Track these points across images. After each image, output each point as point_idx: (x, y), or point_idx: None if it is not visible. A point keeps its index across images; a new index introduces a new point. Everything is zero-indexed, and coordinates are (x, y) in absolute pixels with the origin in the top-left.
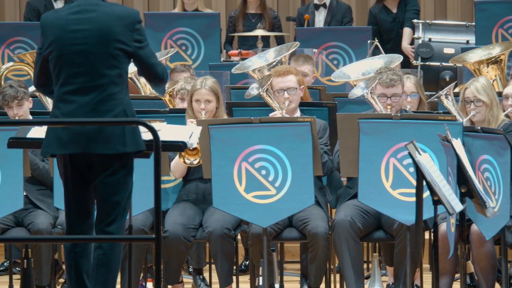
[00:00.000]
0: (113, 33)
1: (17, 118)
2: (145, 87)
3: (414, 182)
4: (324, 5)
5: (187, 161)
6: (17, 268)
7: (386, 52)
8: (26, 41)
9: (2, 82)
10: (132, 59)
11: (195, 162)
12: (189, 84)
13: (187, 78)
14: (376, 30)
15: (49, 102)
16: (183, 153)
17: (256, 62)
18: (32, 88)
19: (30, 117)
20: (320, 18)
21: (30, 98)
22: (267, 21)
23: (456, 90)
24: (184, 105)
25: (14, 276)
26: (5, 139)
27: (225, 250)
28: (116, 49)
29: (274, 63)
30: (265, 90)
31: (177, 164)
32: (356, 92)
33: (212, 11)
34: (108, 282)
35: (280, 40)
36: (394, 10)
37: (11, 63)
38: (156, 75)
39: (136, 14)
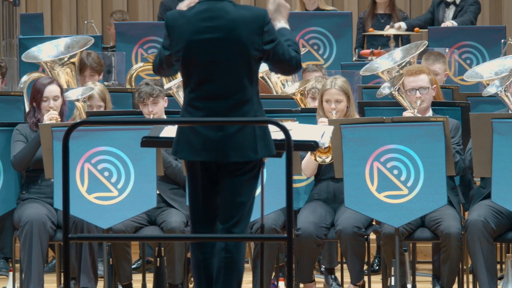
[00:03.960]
0: (243, 42)
1: (151, 116)
2: (276, 86)
3: None
4: (454, 3)
5: (318, 158)
6: (150, 269)
7: None
8: (159, 41)
9: (133, 83)
10: (265, 60)
11: (327, 160)
12: (320, 83)
13: (318, 77)
14: None
15: (182, 98)
16: (315, 151)
17: (383, 63)
18: (166, 86)
19: (165, 116)
20: (450, 16)
21: (166, 97)
22: (396, 21)
23: None
24: (315, 104)
25: (147, 275)
26: (138, 138)
27: (355, 248)
28: (247, 57)
29: (403, 64)
30: (396, 89)
31: (308, 162)
32: (490, 90)
33: (334, 8)
34: (235, 284)
35: (406, 40)
36: None
37: (141, 64)
38: (291, 69)
39: (264, 15)
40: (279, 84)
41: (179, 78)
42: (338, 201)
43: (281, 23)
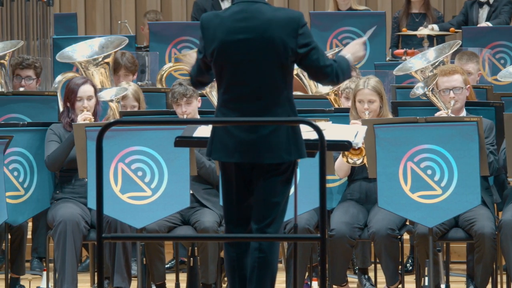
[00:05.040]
0: (277, 43)
1: (185, 116)
2: (310, 83)
3: None
4: (487, 3)
5: (350, 160)
6: (183, 269)
7: None
8: (193, 41)
9: (164, 83)
10: (297, 64)
11: (358, 162)
12: (354, 83)
13: (352, 77)
14: None
15: (216, 98)
16: (346, 153)
17: (417, 62)
18: None
19: (198, 116)
20: (483, 16)
21: (199, 97)
22: (431, 20)
23: None
24: (349, 104)
25: (181, 274)
26: (172, 138)
27: (389, 250)
28: (280, 58)
29: (436, 63)
30: (430, 89)
31: (341, 164)
32: None
33: (367, 8)
34: (268, 284)
35: (441, 40)
36: None
37: (171, 64)
38: (325, 78)
39: (299, 18)
40: (313, 82)
41: None
42: (371, 201)
43: (345, 54)
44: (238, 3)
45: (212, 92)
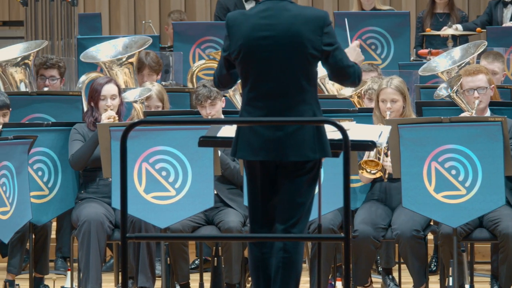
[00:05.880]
0: (302, 40)
1: (209, 117)
2: (331, 92)
3: None
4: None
5: (368, 170)
6: (207, 268)
7: None
8: (217, 41)
9: (194, 81)
10: (321, 63)
11: (373, 171)
12: (376, 84)
13: (374, 78)
14: None
15: (239, 102)
16: (362, 165)
17: (442, 62)
18: None
19: (222, 117)
20: (508, 16)
21: (223, 98)
22: (455, 20)
23: None
24: (373, 105)
25: (205, 274)
26: (196, 138)
27: (415, 251)
28: (305, 55)
29: (462, 65)
30: (454, 91)
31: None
32: None
33: (391, 8)
34: (293, 284)
35: (464, 40)
36: None
37: (202, 61)
38: (348, 78)
39: (325, 16)
40: (335, 91)
41: None
42: (393, 201)
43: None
44: (264, 1)
45: (235, 96)
